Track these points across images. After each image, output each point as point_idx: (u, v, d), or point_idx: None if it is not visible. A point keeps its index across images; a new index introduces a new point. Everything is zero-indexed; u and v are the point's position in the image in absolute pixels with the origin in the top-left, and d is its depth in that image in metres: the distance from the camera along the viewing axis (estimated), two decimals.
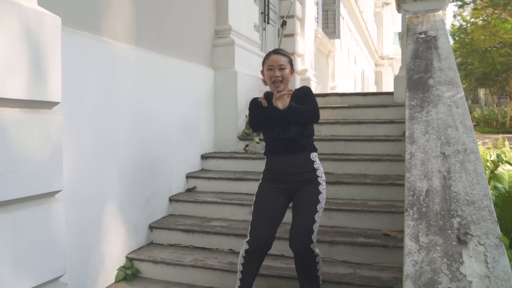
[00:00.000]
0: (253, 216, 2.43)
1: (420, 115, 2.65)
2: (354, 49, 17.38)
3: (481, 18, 16.44)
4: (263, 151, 4.34)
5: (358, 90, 18.46)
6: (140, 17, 3.32)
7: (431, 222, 1.85)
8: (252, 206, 2.48)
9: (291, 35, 7.33)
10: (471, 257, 1.67)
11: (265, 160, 2.58)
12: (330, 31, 10.11)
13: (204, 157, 4.24)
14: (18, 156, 1.96)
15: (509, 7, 14.31)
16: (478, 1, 14.21)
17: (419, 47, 3.59)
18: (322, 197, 2.39)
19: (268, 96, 2.48)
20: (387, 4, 30.08)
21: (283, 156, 2.45)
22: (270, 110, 2.38)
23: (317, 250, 2.37)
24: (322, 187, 2.42)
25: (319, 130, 4.40)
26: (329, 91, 10.29)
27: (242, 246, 2.48)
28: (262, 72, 2.50)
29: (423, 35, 3.82)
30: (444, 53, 3.39)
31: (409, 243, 1.77)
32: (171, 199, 3.69)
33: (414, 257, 1.71)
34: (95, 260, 2.84)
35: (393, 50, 31.31)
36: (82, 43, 2.70)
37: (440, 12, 4.32)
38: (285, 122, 2.40)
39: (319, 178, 2.43)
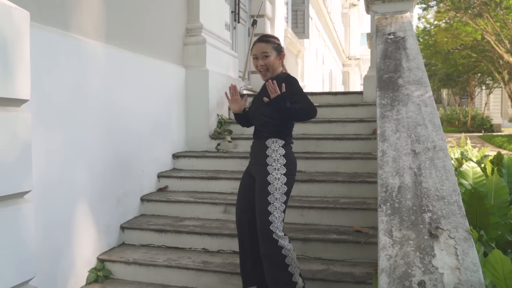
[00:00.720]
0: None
1: (391, 113, 2.71)
2: (322, 49, 17.62)
3: (444, 20, 17.02)
4: (235, 150, 4.38)
5: (326, 90, 18.74)
6: (110, 13, 3.25)
7: (404, 217, 1.91)
8: None
9: (257, 34, 7.35)
10: (442, 250, 1.73)
11: None
12: (300, 31, 10.21)
13: (175, 156, 4.20)
14: None
15: (469, 11, 14.88)
16: (442, 4, 14.70)
17: (388, 48, 3.68)
18: (274, 188, 2.32)
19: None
20: (354, 5, 30.64)
21: (254, 140, 2.59)
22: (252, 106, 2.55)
23: (283, 242, 2.29)
24: (273, 177, 2.34)
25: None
26: None
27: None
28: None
29: (392, 36, 3.91)
30: (412, 53, 3.49)
31: (383, 238, 1.82)
32: (142, 199, 3.63)
33: (388, 251, 1.75)
34: (65, 262, 2.76)
35: (360, 50, 31.94)
36: (50, 39, 2.62)
37: (408, 14, 4.45)
38: (258, 107, 2.49)
39: (268, 166, 2.36)
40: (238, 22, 6.53)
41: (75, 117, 2.83)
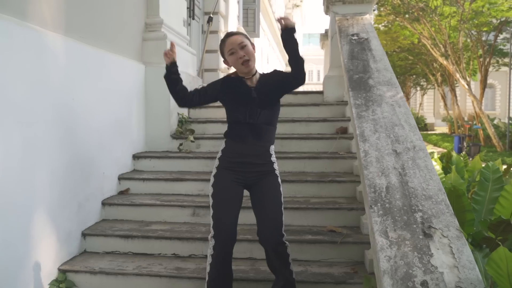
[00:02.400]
0: (214, 209, 2.30)
1: (367, 113, 2.74)
2: (267, 49, 17.76)
3: (383, 24, 17.77)
4: (197, 150, 4.24)
5: None
6: (69, 3, 3.01)
7: (396, 217, 1.92)
8: (211, 199, 2.32)
9: (215, 32, 7.23)
10: (438, 249, 1.75)
11: (223, 145, 2.41)
12: (250, 30, 10.18)
13: (136, 157, 3.99)
14: None
15: (407, 16, 15.65)
16: (382, 8, 15.34)
17: (354, 48, 3.74)
18: (281, 189, 2.37)
19: (227, 80, 2.42)
20: (297, 6, 31.21)
21: (244, 144, 2.32)
22: (241, 91, 2.34)
23: (287, 242, 2.35)
24: (280, 180, 2.39)
25: None
26: None
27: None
28: (225, 61, 2.38)
29: (355, 37, 3.98)
30: (378, 54, 3.56)
31: (379, 239, 1.81)
32: (104, 203, 3.41)
33: (387, 252, 1.75)
34: (24, 275, 2.51)
35: (303, 51, 32.58)
36: (5, 28, 2.36)
37: (368, 16, 4.55)
38: (255, 105, 2.32)
39: (276, 171, 2.39)
40: (193, 18, 6.38)
41: (34, 115, 2.58)
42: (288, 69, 2.36)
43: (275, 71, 2.48)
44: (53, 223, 2.77)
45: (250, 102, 2.33)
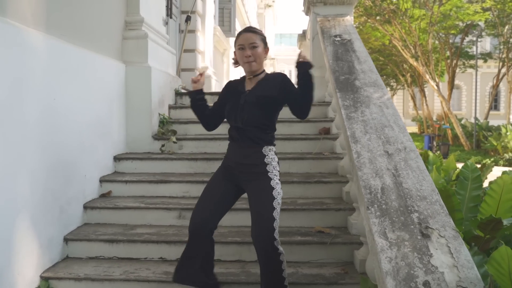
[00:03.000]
0: (199, 198, 2.38)
1: (356, 115, 2.76)
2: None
3: (355, 25, 18.09)
4: (180, 151, 4.18)
5: None
6: (50, 1, 2.89)
7: (394, 218, 1.93)
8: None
9: (192, 31, 7.15)
10: (436, 249, 1.77)
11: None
12: (226, 29, 10.14)
13: (117, 158, 3.89)
14: None
15: (378, 17, 15.96)
16: (354, 9, 15.60)
17: (338, 50, 3.76)
18: (277, 193, 2.30)
19: (229, 84, 2.47)
20: (269, 6, 31.30)
21: (235, 145, 2.39)
22: (236, 94, 2.40)
23: (281, 249, 2.27)
24: (275, 182, 2.31)
25: None
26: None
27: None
28: (234, 53, 2.38)
29: (338, 38, 4.01)
30: (362, 56, 3.60)
31: (379, 241, 1.82)
32: (86, 207, 3.30)
33: (388, 253, 1.76)
34: (4, 284, 2.40)
35: (274, 50, 32.72)
36: None
37: (349, 17, 4.60)
38: (242, 110, 2.33)
39: (269, 173, 2.32)
40: (170, 17, 6.27)
41: (14, 116, 2.47)
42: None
43: (283, 79, 2.41)
44: (34, 228, 2.66)
45: (239, 106, 2.36)
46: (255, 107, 2.35)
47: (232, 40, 11.66)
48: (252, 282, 2.61)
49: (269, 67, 29.79)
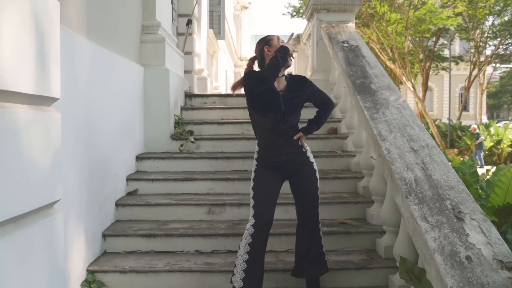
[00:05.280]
0: (255, 199, 2.61)
1: (378, 115, 3.04)
2: (221, 50, 17.85)
3: None
4: (197, 151, 4.37)
5: (223, 91, 19.04)
6: (89, 6, 3.05)
7: (430, 205, 2.21)
8: (251, 191, 2.63)
9: (189, 34, 7.32)
10: (471, 230, 2.06)
11: (257, 147, 2.71)
12: (216, 32, 10.31)
13: (139, 158, 4.05)
14: (29, 161, 1.72)
15: (356, 20, 16.51)
16: None
17: (348, 55, 4.05)
18: (317, 174, 2.73)
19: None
20: (246, 8, 31.54)
21: (274, 146, 2.62)
22: (269, 93, 2.59)
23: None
24: (315, 165, 2.72)
25: (248, 130, 4.57)
26: (213, 91, 10.49)
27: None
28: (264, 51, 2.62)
29: (346, 44, 4.29)
30: (372, 61, 3.90)
31: (422, 224, 2.10)
32: (117, 204, 3.45)
33: (432, 234, 2.03)
34: (62, 278, 2.54)
35: (250, 52, 32.94)
36: None
37: (351, 24, 4.90)
38: (284, 113, 2.57)
39: (310, 158, 2.70)
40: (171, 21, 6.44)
41: (68, 118, 2.62)
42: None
43: (307, 85, 2.71)
44: (81, 225, 2.81)
45: (279, 109, 2.61)
46: (293, 110, 2.61)
47: (220, 42, 11.84)
48: (289, 269, 2.84)
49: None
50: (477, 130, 15.22)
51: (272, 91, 2.61)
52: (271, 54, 2.56)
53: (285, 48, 2.52)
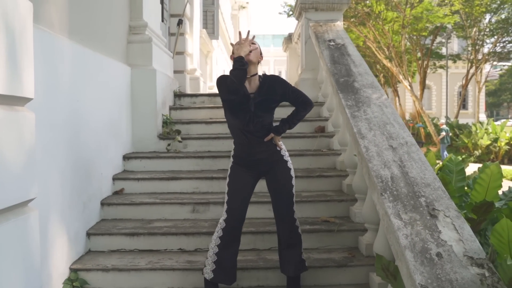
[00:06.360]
0: (228, 195, 2.65)
1: (359, 114, 3.05)
2: (216, 50, 17.87)
3: None
4: (185, 150, 4.38)
5: None
6: (71, 7, 3.06)
7: (405, 202, 2.22)
8: (226, 187, 2.68)
9: (181, 34, 7.33)
10: (444, 227, 2.07)
11: (233, 145, 2.76)
12: (210, 32, 10.32)
13: (125, 157, 4.06)
14: (0, 160, 1.73)
15: (353, 19, 16.52)
16: None
17: (334, 53, 4.06)
18: (292, 172, 2.73)
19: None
20: (244, 7, 31.55)
21: (247, 145, 2.64)
22: (239, 96, 2.58)
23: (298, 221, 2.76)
24: (289, 163, 2.74)
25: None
26: (207, 91, 10.50)
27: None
28: (233, 52, 2.61)
29: (332, 43, 4.30)
30: (357, 59, 3.90)
31: (395, 221, 2.11)
32: (102, 203, 3.47)
33: (404, 231, 2.04)
34: (43, 275, 2.56)
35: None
36: None
37: (339, 23, 4.90)
38: (254, 115, 2.59)
39: (284, 156, 2.72)
40: (162, 21, 6.45)
41: (48, 118, 2.63)
42: None
43: (280, 84, 2.72)
44: (64, 223, 2.82)
45: (249, 111, 2.62)
46: (264, 111, 2.63)
47: (215, 42, 11.85)
48: (270, 267, 2.86)
49: None
50: (443, 126, 15.78)
51: (243, 93, 2.61)
52: None
53: (237, 60, 2.49)
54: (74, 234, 2.98)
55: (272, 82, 2.69)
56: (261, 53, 2.72)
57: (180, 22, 6.60)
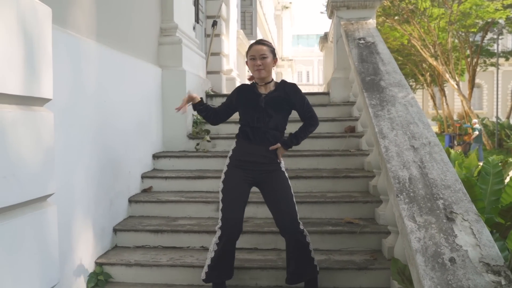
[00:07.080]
0: (223, 202, 2.60)
1: (383, 113, 2.97)
2: None
3: None
4: (213, 150, 4.43)
5: None
6: (99, 11, 3.19)
7: (421, 204, 2.14)
8: (220, 193, 2.64)
9: (217, 35, 7.42)
10: (460, 231, 1.98)
11: (234, 145, 2.72)
12: (248, 32, 10.40)
13: (155, 156, 4.17)
14: (17, 157, 1.83)
15: (397, 17, 16.04)
16: None
17: (362, 52, 3.97)
18: (289, 182, 2.67)
19: (241, 87, 2.72)
20: (287, 8, 31.51)
21: (250, 145, 2.62)
22: (252, 96, 2.63)
23: (306, 231, 2.62)
24: (286, 174, 2.69)
25: None
26: None
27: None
28: (246, 62, 2.66)
29: (362, 41, 4.21)
30: (386, 58, 3.80)
31: (408, 223, 2.03)
32: (130, 200, 3.58)
33: (417, 234, 1.97)
34: (68, 268, 2.69)
35: (291, 52, 32.83)
36: (53, 36, 2.53)
37: (371, 20, 4.79)
38: (266, 113, 2.58)
39: (282, 167, 2.69)
40: (197, 22, 6.56)
41: (75, 118, 2.76)
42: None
43: (296, 92, 2.70)
44: (90, 219, 2.95)
45: (261, 108, 2.61)
46: (275, 109, 2.61)
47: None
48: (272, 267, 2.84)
49: (287, 68, 29.95)
50: (476, 125, 15.21)
51: (254, 93, 2.65)
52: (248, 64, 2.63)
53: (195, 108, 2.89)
54: (101, 230, 3.10)
55: (288, 89, 2.68)
56: (274, 56, 2.67)
57: (214, 24, 6.70)
